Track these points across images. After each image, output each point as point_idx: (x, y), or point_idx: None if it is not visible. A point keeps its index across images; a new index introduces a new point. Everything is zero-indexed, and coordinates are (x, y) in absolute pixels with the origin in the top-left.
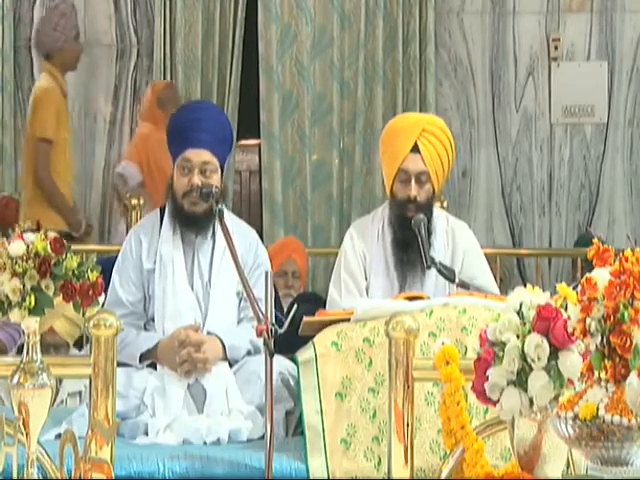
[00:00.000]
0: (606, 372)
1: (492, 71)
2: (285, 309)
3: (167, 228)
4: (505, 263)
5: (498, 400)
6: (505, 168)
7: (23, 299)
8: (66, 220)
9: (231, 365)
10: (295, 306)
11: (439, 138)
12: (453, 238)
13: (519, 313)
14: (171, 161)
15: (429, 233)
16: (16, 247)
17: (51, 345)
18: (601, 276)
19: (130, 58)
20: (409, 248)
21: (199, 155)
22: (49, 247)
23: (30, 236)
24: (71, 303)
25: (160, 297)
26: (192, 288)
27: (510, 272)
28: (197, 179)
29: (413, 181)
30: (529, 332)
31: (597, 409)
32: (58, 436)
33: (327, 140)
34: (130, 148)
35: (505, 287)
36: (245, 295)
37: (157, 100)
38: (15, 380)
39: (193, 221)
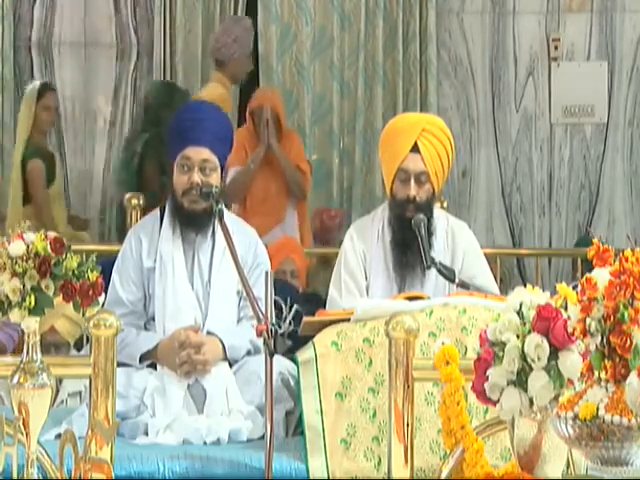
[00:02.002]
0: (606, 372)
1: (492, 71)
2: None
3: (167, 227)
4: (505, 263)
5: (498, 400)
6: (505, 168)
7: (23, 299)
8: None
9: (231, 365)
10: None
11: (439, 138)
12: (453, 238)
13: (519, 313)
14: (170, 161)
15: (429, 233)
16: (16, 247)
17: (52, 344)
18: (601, 276)
19: (130, 58)
20: (408, 248)
21: (199, 153)
22: (49, 247)
23: (30, 236)
24: (71, 303)
25: (160, 296)
26: (192, 287)
27: (510, 272)
28: (197, 177)
29: (413, 181)
30: (529, 332)
31: (597, 409)
32: (58, 436)
33: (327, 140)
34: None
35: (505, 287)
36: (245, 294)
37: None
38: (15, 380)
39: (193, 219)
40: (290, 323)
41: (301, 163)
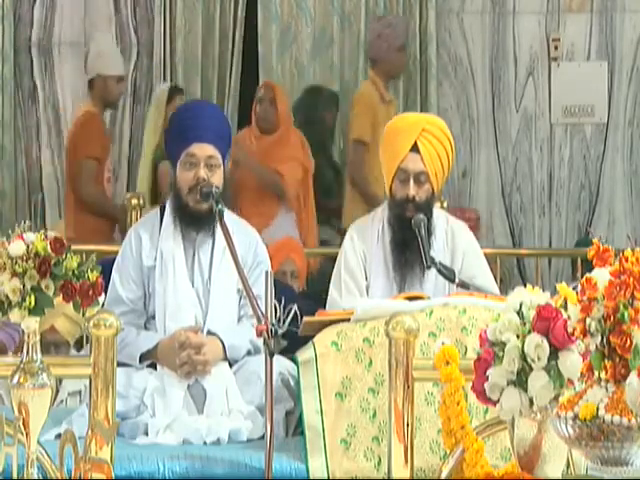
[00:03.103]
0: (606, 372)
1: (492, 71)
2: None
3: (168, 226)
4: (505, 263)
5: (498, 400)
6: (505, 168)
7: (23, 299)
8: None
9: (231, 365)
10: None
11: (439, 138)
12: (453, 238)
13: (519, 313)
14: (170, 161)
15: (428, 233)
16: (16, 247)
17: (52, 344)
18: (601, 276)
19: (130, 58)
20: (408, 248)
21: (204, 149)
22: (49, 247)
23: (30, 236)
24: (71, 303)
25: (161, 294)
26: (192, 285)
27: (510, 272)
28: (203, 172)
29: (412, 181)
30: (529, 332)
31: (597, 409)
32: (58, 436)
33: None
34: None
35: (505, 287)
36: (245, 294)
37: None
38: (15, 380)
39: (197, 218)
40: (284, 323)
41: (280, 164)
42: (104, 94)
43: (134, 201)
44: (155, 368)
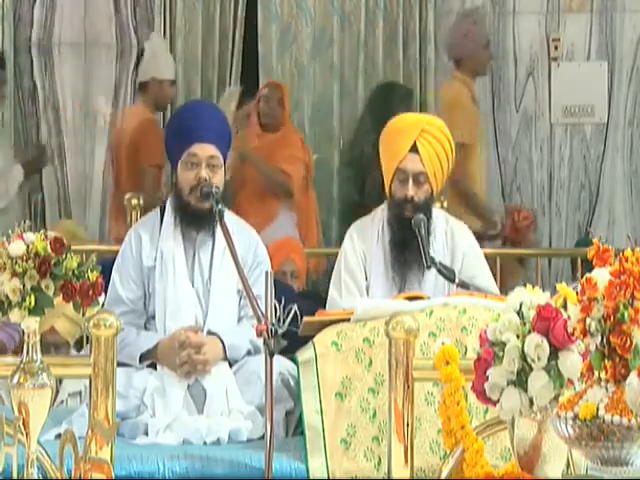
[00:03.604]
0: (606, 372)
1: (492, 71)
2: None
3: (168, 226)
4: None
5: (498, 400)
6: (505, 168)
7: (23, 299)
8: (482, 220)
9: (231, 365)
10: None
11: (438, 139)
12: (452, 238)
13: (519, 313)
14: (170, 161)
15: (428, 233)
16: (16, 247)
17: (52, 344)
18: (601, 276)
19: (130, 58)
20: (406, 248)
21: (205, 149)
22: (49, 247)
23: (30, 236)
24: (71, 303)
25: (161, 294)
26: (192, 285)
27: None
28: (204, 172)
29: (411, 181)
30: (529, 332)
31: (597, 409)
32: (58, 436)
33: (327, 140)
34: None
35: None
36: (245, 294)
37: (257, 99)
38: (15, 380)
39: (198, 218)
40: (284, 323)
41: (286, 164)
42: (158, 97)
43: (134, 201)
44: (155, 368)
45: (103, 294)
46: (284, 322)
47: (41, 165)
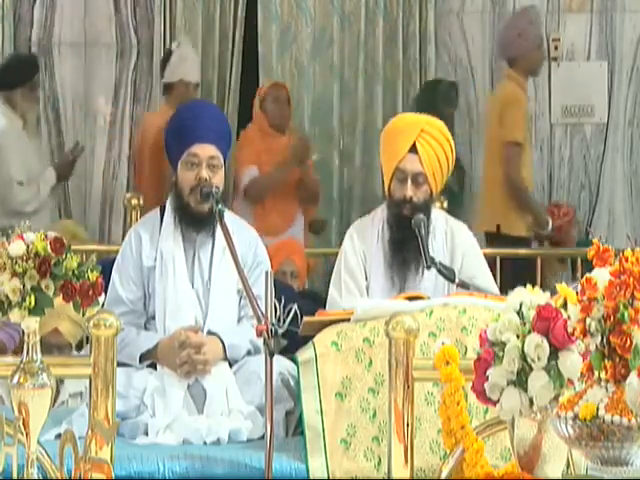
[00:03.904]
0: (606, 372)
1: (492, 71)
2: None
3: (168, 226)
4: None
5: (498, 400)
6: None
7: (23, 299)
8: (534, 217)
9: (231, 365)
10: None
11: (438, 140)
12: (452, 239)
13: (519, 313)
14: (170, 161)
15: (428, 233)
16: (16, 247)
17: (55, 346)
18: (601, 276)
19: (130, 58)
20: (405, 247)
21: (206, 150)
22: (49, 247)
23: (30, 236)
24: (71, 303)
25: (161, 294)
26: (192, 285)
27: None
28: (205, 173)
29: (410, 181)
30: (529, 332)
31: (597, 409)
32: (58, 436)
33: (327, 140)
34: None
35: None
36: (245, 294)
37: (260, 101)
38: (15, 380)
39: (198, 219)
40: (284, 322)
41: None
42: (183, 100)
43: (134, 201)
44: (155, 368)
45: (103, 294)
46: (284, 322)
47: (72, 170)
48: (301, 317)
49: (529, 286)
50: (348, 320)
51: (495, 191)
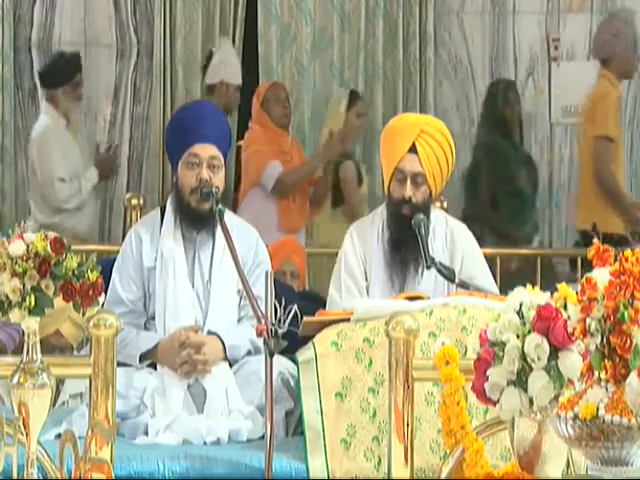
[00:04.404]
0: (606, 372)
1: (492, 71)
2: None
3: (168, 226)
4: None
5: (498, 400)
6: None
7: (23, 299)
8: (625, 215)
9: (231, 365)
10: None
11: (437, 140)
12: (452, 239)
13: (519, 313)
14: (170, 161)
15: (428, 233)
16: (16, 247)
17: (56, 348)
18: (601, 276)
19: (130, 58)
20: (403, 247)
21: (207, 150)
22: (49, 247)
23: (30, 236)
24: (71, 303)
25: (161, 294)
26: (193, 285)
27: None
28: (205, 173)
29: (409, 181)
30: (529, 332)
31: (597, 409)
32: (58, 436)
33: None
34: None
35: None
36: (245, 294)
37: (261, 101)
38: (15, 380)
39: (199, 219)
40: (284, 323)
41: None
42: (224, 101)
43: (134, 201)
44: (155, 368)
45: (103, 294)
46: (284, 322)
47: (113, 168)
48: (301, 317)
49: (529, 286)
50: (348, 320)
51: (589, 189)
